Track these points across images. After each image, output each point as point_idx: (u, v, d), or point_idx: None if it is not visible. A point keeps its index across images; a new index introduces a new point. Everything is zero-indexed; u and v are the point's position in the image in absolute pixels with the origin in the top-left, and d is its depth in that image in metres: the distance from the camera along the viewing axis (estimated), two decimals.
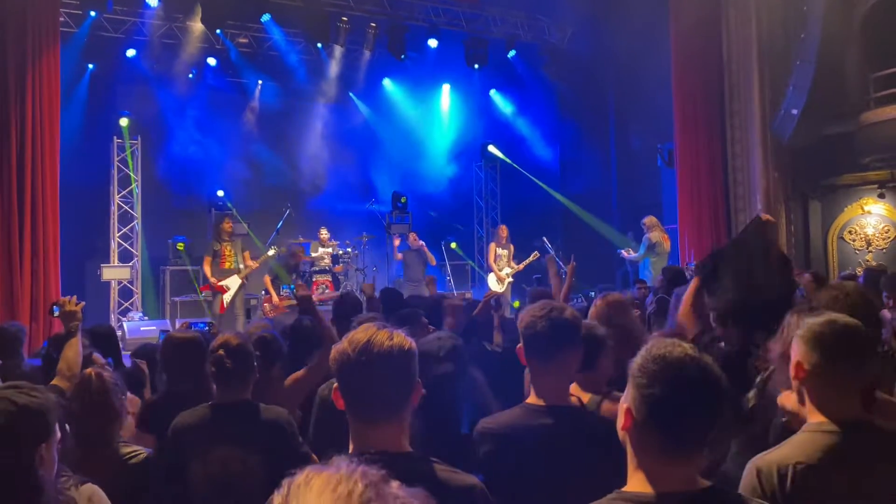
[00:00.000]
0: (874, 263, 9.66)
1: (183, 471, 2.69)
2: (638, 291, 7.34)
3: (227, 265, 9.19)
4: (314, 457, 2.83)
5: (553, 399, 2.22)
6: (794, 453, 1.85)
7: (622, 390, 1.58)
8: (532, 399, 2.26)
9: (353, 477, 0.76)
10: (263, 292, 9.86)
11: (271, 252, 9.61)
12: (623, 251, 10.22)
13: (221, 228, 9.28)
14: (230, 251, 9.22)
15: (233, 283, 9.10)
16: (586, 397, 2.57)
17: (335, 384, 1.68)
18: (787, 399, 2.09)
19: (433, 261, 10.97)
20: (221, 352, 2.85)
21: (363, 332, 1.68)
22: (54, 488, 1.83)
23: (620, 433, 1.55)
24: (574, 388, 2.51)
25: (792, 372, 1.98)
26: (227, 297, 9.08)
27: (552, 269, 5.00)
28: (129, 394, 2.92)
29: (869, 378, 1.95)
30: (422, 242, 10.94)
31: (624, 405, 1.54)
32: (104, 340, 4.34)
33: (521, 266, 10.76)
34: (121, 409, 2.73)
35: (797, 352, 1.97)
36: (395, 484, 0.79)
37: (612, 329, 2.87)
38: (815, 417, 1.91)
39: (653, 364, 1.49)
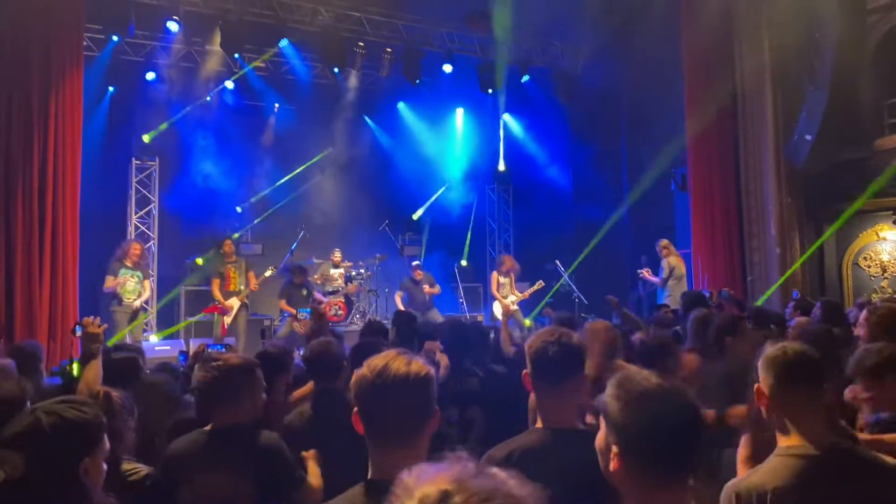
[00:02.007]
0: (890, 291, 9.60)
1: (176, 496, 2.70)
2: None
3: (231, 287, 9.16)
4: (309, 480, 2.83)
5: (562, 423, 2.24)
6: (770, 478, 1.90)
7: None
8: (540, 424, 2.28)
9: (461, 462, 0.95)
10: (284, 314, 9.83)
11: (268, 273, 9.59)
12: (643, 271, 10.19)
13: (223, 251, 9.27)
14: (234, 273, 9.19)
15: (234, 304, 9.09)
16: None
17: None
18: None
19: (437, 290, 10.87)
20: (209, 374, 2.83)
21: (382, 358, 1.72)
22: (102, 497, 1.94)
23: (605, 473, 1.57)
24: None
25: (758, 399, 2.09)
26: (227, 319, 9.08)
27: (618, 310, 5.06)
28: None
29: (827, 401, 2.05)
30: (422, 275, 10.75)
31: (614, 449, 1.55)
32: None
33: (527, 294, 10.72)
34: (122, 431, 2.73)
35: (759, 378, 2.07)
36: (493, 468, 0.95)
37: None
38: (784, 441, 1.96)
39: (624, 394, 1.54)
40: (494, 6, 11.14)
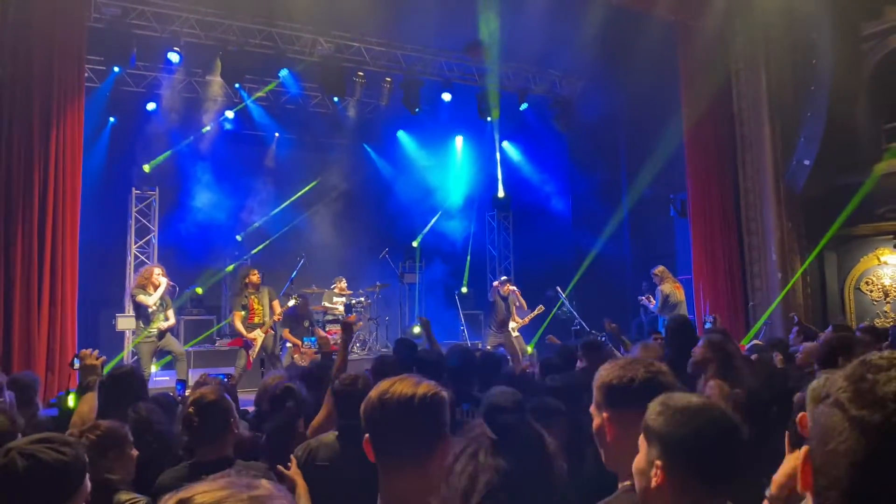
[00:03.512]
0: (893, 316, 9.55)
1: None
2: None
3: (256, 319, 8.67)
4: None
5: None
6: None
7: None
8: None
9: (236, 475, 0.96)
10: (287, 344, 9.60)
11: (291, 302, 9.27)
12: (643, 297, 10.16)
13: (249, 281, 8.70)
14: (258, 305, 8.71)
15: (258, 337, 8.70)
16: None
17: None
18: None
19: (524, 305, 10.68)
20: (191, 409, 2.83)
21: (389, 381, 1.71)
22: None
23: (649, 494, 1.54)
24: None
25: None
26: (253, 353, 8.70)
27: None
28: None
29: None
30: (513, 288, 10.53)
31: (657, 462, 1.53)
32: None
33: (527, 319, 10.65)
34: (113, 462, 2.70)
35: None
36: (264, 482, 0.96)
37: None
38: None
39: (679, 415, 1.54)
40: (492, 36, 11.23)
